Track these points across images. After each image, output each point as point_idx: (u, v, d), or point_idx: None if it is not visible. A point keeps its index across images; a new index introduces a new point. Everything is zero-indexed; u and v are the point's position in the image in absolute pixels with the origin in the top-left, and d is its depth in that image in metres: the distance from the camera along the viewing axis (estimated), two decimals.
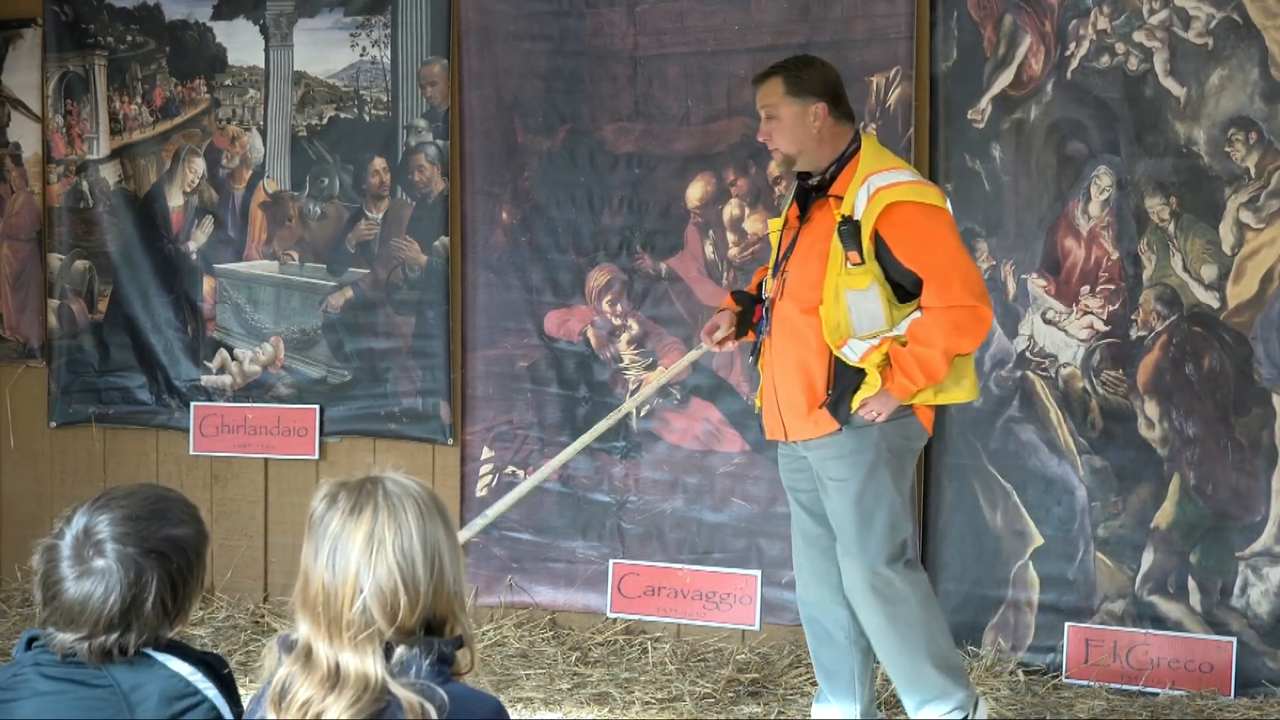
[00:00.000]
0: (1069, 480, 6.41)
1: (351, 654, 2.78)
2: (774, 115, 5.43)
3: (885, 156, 5.46)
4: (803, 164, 5.45)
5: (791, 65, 5.54)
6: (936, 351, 5.20)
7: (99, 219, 7.91)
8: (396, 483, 2.92)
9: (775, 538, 6.80)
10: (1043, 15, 6.38)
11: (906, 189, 5.26)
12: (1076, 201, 6.35)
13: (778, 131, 5.43)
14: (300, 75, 7.59)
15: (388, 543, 2.83)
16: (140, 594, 3.01)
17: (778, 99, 5.43)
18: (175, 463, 7.86)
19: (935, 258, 5.23)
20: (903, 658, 5.43)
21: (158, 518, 3.10)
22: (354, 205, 7.52)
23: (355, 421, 7.57)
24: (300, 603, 2.88)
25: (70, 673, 3.01)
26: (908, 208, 5.22)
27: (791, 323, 5.40)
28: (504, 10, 7.19)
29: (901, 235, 5.20)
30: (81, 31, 7.89)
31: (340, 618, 2.80)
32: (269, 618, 7.40)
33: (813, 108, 5.40)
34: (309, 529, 2.91)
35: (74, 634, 2.99)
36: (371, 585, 2.80)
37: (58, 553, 3.04)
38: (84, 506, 3.09)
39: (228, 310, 7.74)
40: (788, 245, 5.50)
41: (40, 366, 8.06)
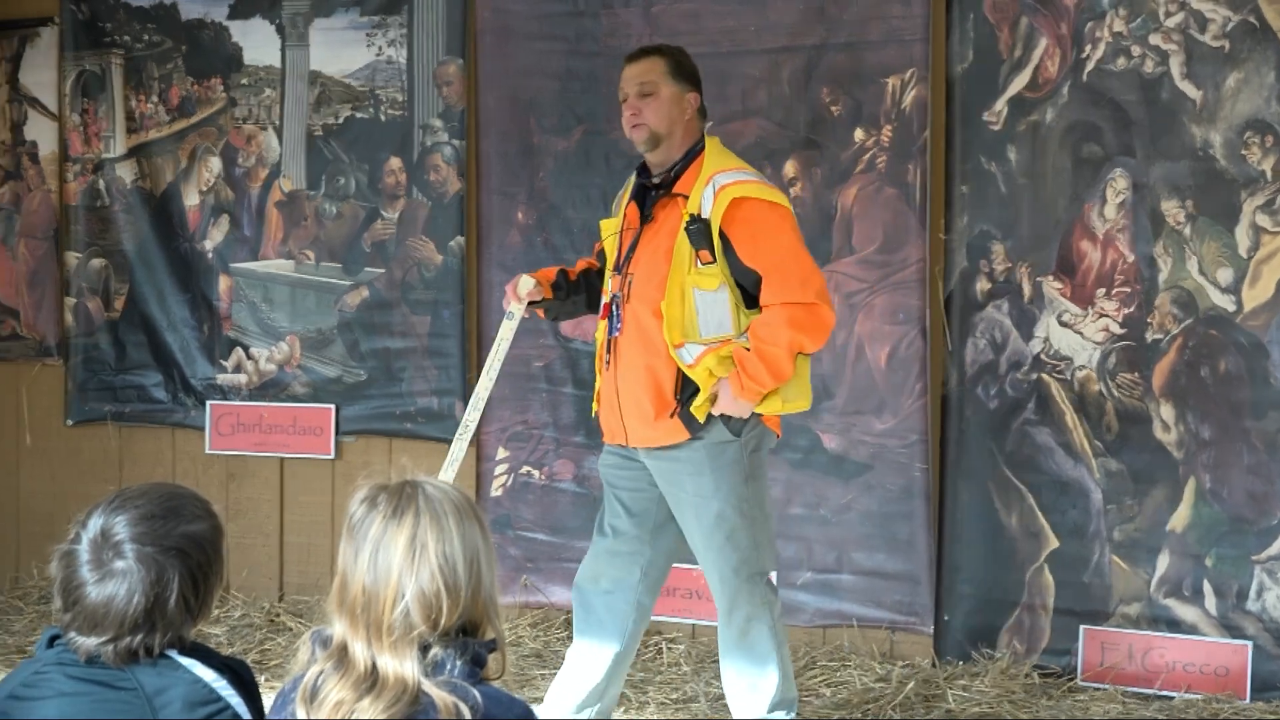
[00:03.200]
0: (1084, 483, 6.45)
1: (390, 656, 2.82)
2: (652, 92, 5.38)
3: (730, 158, 5.47)
4: (662, 150, 5.40)
5: (672, 50, 5.55)
6: (781, 350, 5.16)
7: (115, 217, 8.01)
8: (435, 486, 2.96)
9: (790, 539, 6.87)
10: (1059, 17, 6.42)
11: (751, 186, 5.27)
12: (1092, 204, 6.39)
13: (651, 108, 5.38)
14: (316, 74, 7.67)
15: (430, 547, 2.87)
16: (163, 593, 3.03)
17: (659, 76, 5.41)
18: (191, 461, 7.95)
19: (774, 254, 5.21)
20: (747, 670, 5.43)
21: (173, 515, 3.11)
22: (370, 205, 7.60)
23: (371, 421, 7.66)
24: (337, 604, 2.91)
25: (94, 674, 3.03)
26: (751, 204, 5.22)
27: (641, 324, 5.35)
28: (520, 10, 7.26)
29: (743, 231, 5.19)
30: (98, 30, 7.98)
31: (381, 621, 2.83)
32: (284, 616, 7.47)
33: (689, 95, 5.43)
34: (348, 531, 2.94)
35: (98, 637, 3.01)
36: (414, 590, 2.84)
37: (76, 558, 3.05)
38: (98, 510, 3.11)
39: (244, 309, 7.84)
40: (629, 245, 5.44)
41: (57, 364, 8.16)
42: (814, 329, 5.22)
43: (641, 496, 5.50)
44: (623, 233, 5.49)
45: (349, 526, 2.94)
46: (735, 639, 5.42)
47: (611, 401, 5.44)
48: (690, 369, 5.22)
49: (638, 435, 5.39)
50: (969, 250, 6.56)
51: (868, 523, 6.79)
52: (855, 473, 6.81)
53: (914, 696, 6.29)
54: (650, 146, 5.42)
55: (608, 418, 5.50)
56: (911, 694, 6.30)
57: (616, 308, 5.43)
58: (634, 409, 5.37)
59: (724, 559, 5.34)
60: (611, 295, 5.46)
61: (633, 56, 5.53)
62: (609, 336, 5.45)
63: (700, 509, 5.33)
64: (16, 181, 8.15)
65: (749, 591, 5.36)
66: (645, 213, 5.42)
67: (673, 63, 5.44)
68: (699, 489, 5.31)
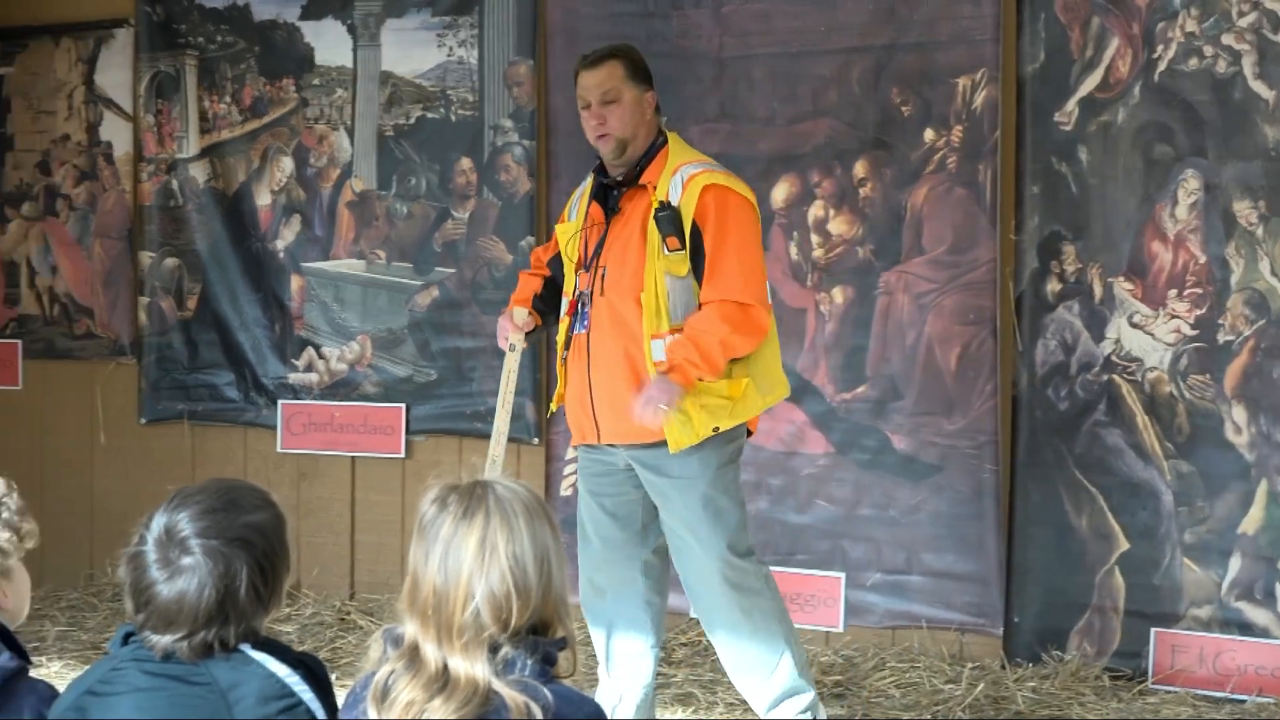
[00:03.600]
0: (1155, 485, 6.44)
1: (461, 658, 2.83)
2: (615, 99, 5.38)
3: (692, 152, 5.50)
4: (629, 151, 5.40)
5: (627, 51, 5.54)
6: (713, 340, 5.14)
7: (188, 217, 8.09)
8: (506, 487, 2.96)
9: (859, 540, 6.90)
10: (1130, 17, 6.41)
11: (723, 177, 5.29)
12: (1164, 204, 6.38)
13: (616, 116, 5.38)
14: (388, 75, 7.73)
15: (500, 548, 2.87)
16: (232, 584, 3.04)
17: (619, 82, 5.40)
18: (263, 460, 8.03)
19: (725, 249, 5.20)
20: (758, 651, 5.39)
21: (233, 507, 3.13)
22: (440, 205, 7.65)
23: (441, 420, 7.71)
24: (408, 604, 2.93)
25: (169, 669, 3.04)
26: (721, 191, 5.23)
27: (614, 315, 5.33)
28: (590, 11, 7.30)
29: (711, 217, 5.20)
30: (173, 32, 8.07)
31: (452, 622, 2.85)
32: (355, 615, 7.53)
33: (647, 95, 5.44)
34: (418, 532, 2.95)
35: (173, 635, 3.03)
36: (484, 590, 2.85)
37: (143, 559, 3.07)
38: (159, 511, 3.13)
39: (315, 309, 7.91)
40: (598, 241, 5.42)
41: (131, 364, 8.26)
42: (748, 329, 5.22)
43: (625, 499, 5.49)
44: (586, 230, 5.47)
45: (420, 527, 2.95)
46: (738, 623, 5.40)
47: (583, 398, 5.42)
48: (657, 366, 5.21)
49: (613, 430, 5.36)
50: (1040, 251, 6.56)
51: (937, 524, 6.80)
52: (925, 474, 6.81)
53: (983, 698, 6.30)
54: (618, 154, 5.41)
55: (576, 415, 5.49)
56: (981, 696, 6.31)
57: (583, 305, 5.41)
58: (610, 403, 5.33)
59: (717, 537, 5.32)
60: (578, 293, 5.45)
61: (590, 62, 5.49)
62: (572, 334, 5.45)
63: (686, 491, 5.31)
64: (92, 182, 8.25)
65: (746, 568, 5.37)
66: (611, 207, 5.42)
67: (630, 65, 5.44)
68: (685, 470, 5.29)
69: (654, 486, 5.39)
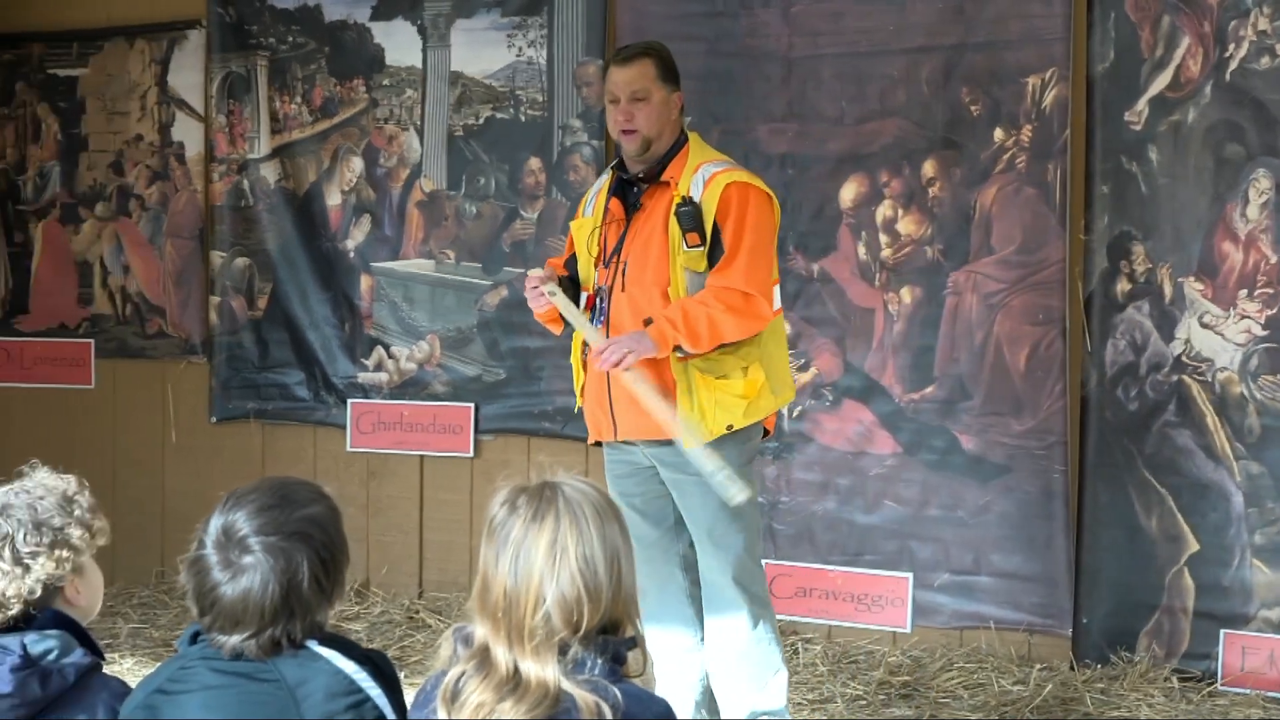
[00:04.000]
0: (1225, 486, 6.43)
1: (532, 660, 2.85)
2: (644, 97, 5.39)
3: (713, 152, 5.51)
4: (653, 149, 5.40)
5: (659, 50, 5.54)
6: (701, 312, 5.11)
7: (259, 217, 8.16)
8: (575, 488, 2.98)
9: (927, 540, 6.91)
10: (1202, 16, 6.39)
11: (741, 173, 5.32)
12: (1235, 204, 6.36)
13: (644, 114, 5.38)
14: (457, 75, 7.78)
15: (571, 550, 2.89)
16: (294, 578, 3.08)
17: (650, 81, 5.41)
18: (332, 459, 8.09)
19: (739, 239, 5.19)
20: (757, 662, 5.39)
21: (288, 503, 3.17)
22: (509, 205, 7.70)
23: (509, 420, 7.75)
24: (479, 607, 2.94)
25: (237, 667, 3.08)
26: (742, 187, 5.24)
27: (639, 311, 5.31)
28: (659, 11, 7.32)
29: (732, 213, 5.21)
30: (244, 33, 8.15)
31: (523, 625, 2.86)
32: (424, 614, 7.59)
33: (675, 95, 5.45)
34: (488, 534, 2.97)
35: (240, 634, 3.07)
36: (555, 593, 2.87)
37: (204, 563, 3.11)
38: (214, 515, 3.17)
39: (385, 308, 7.96)
40: (619, 237, 5.42)
41: (202, 363, 8.33)
42: (745, 314, 5.18)
43: (653, 497, 5.49)
44: (606, 226, 5.47)
45: (490, 529, 2.97)
46: (743, 629, 5.40)
47: (600, 395, 5.42)
48: (680, 361, 5.21)
49: (632, 427, 5.36)
50: (1109, 251, 6.56)
51: (1005, 524, 6.80)
52: (993, 474, 6.82)
53: (1052, 699, 6.31)
54: (641, 151, 5.42)
55: (593, 412, 5.49)
56: (1049, 697, 6.32)
57: (602, 300, 5.42)
58: (630, 399, 5.30)
59: (734, 538, 5.34)
60: (596, 288, 5.46)
61: (622, 59, 5.51)
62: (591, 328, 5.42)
63: (706, 490, 5.27)
64: (164, 182, 8.33)
65: (758, 575, 5.41)
66: (633, 203, 5.43)
67: (661, 65, 5.45)
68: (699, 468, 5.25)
69: (675, 484, 5.40)
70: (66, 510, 3.49)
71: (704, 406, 5.21)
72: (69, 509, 3.50)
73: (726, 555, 5.35)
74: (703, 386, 5.23)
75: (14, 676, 3.26)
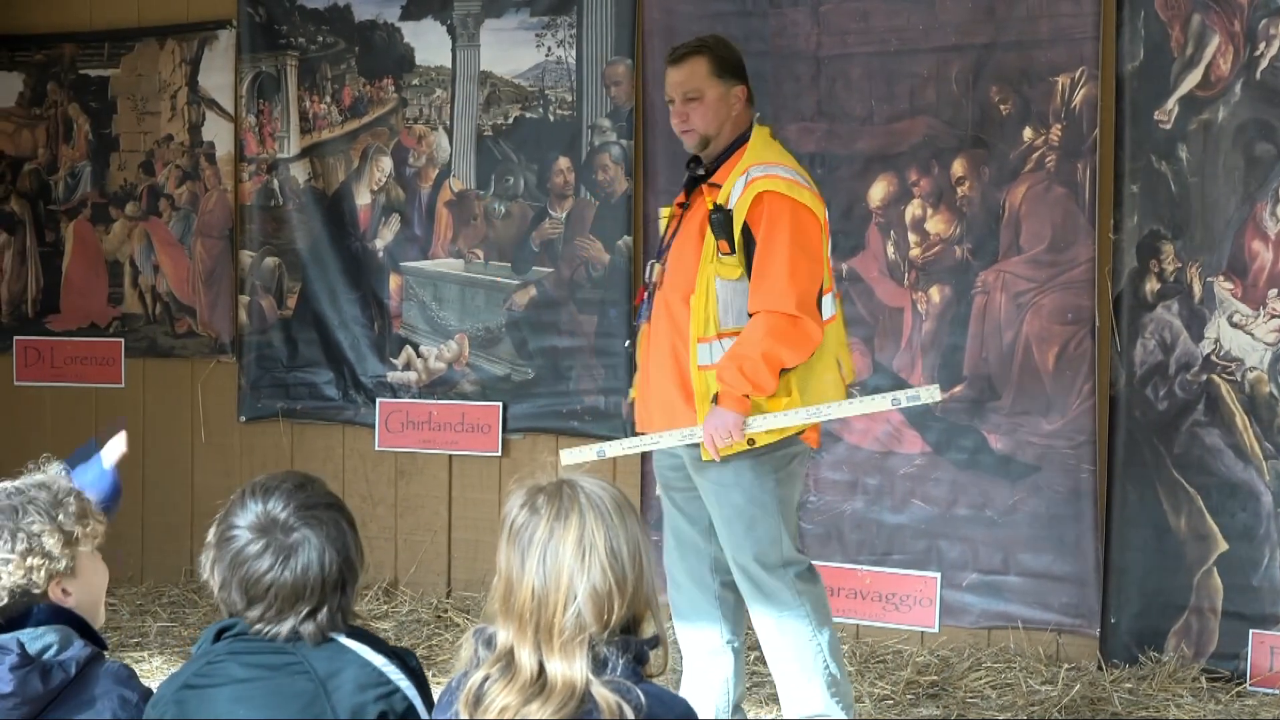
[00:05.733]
0: (1255, 486, 6.45)
1: (560, 660, 2.86)
2: (697, 96, 5.41)
3: (771, 150, 5.44)
4: (713, 147, 5.43)
5: (714, 44, 5.55)
6: (754, 355, 5.13)
7: (289, 217, 8.23)
8: (592, 484, 3.00)
9: (955, 540, 6.95)
10: (1232, 15, 6.42)
11: (782, 183, 5.23)
12: (1264, 203, 6.39)
13: (698, 113, 5.42)
14: (486, 75, 7.84)
15: (599, 544, 2.91)
16: (345, 544, 3.17)
17: (703, 79, 5.42)
18: (360, 458, 8.16)
19: (773, 257, 5.16)
20: (788, 665, 5.42)
21: (310, 482, 3.26)
22: (538, 204, 7.76)
23: (538, 419, 7.80)
24: (502, 610, 2.94)
25: (268, 660, 3.13)
26: (773, 198, 5.19)
27: (669, 312, 5.38)
28: (688, 10, 7.38)
29: (763, 223, 5.19)
30: (274, 32, 8.22)
31: (552, 624, 2.87)
32: (452, 612, 7.65)
33: (735, 90, 5.45)
34: (509, 538, 2.97)
35: (296, 616, 3.12)
36: (586, 587, 2.88)
37: (246, 553, 3.14)
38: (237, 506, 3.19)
39: (414, 308, 8.02)
40: (672, 233, 5.50)
41: (231, 362, 8.41)
42: (795, 341, 5.18)
43: (693, 495, 5.54)
44: (670, 220, 5.55)
45: (510, 533, 2.97)
46: (769, 630, 5.43)
47: (644, 389, 5.52)
48: (700, 370, 5.26)
49: (663, 425, 5.42)
50: (1138, 250, 6.59)
51: (1034, 524, 6.84)
52: (1022, 474, 6.86)
53: (1079, 699, 6.34)
54: (701, 148, 5.47)
55: (640, 407, 5.58)
56: (1077, 697, 6.35)
57: (649, 295, 5.49)
58: (660, 397, 5.42)
59: (744, 547, 5.37)
60: (647, 282, 5.54)
61: (675, 58, 5.54)
62: (638, 322, 5.55)
63: (720, 496, 5.36)
64: (194, 182, 8.41)
65: (776, 582, 5.37)
66: (686, 201, 5.49)
67: (715, 60, 5.45)
68: (720, 478, 5.34)
69: (699, 485, 5.46)
70: (50, 515, 3.47)
71: None
72: (54, 513, 3.47)
73: (735, 561, 5.42)
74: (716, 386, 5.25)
75: (14, 675, 3.27)
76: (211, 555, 3.19)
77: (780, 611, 5.39)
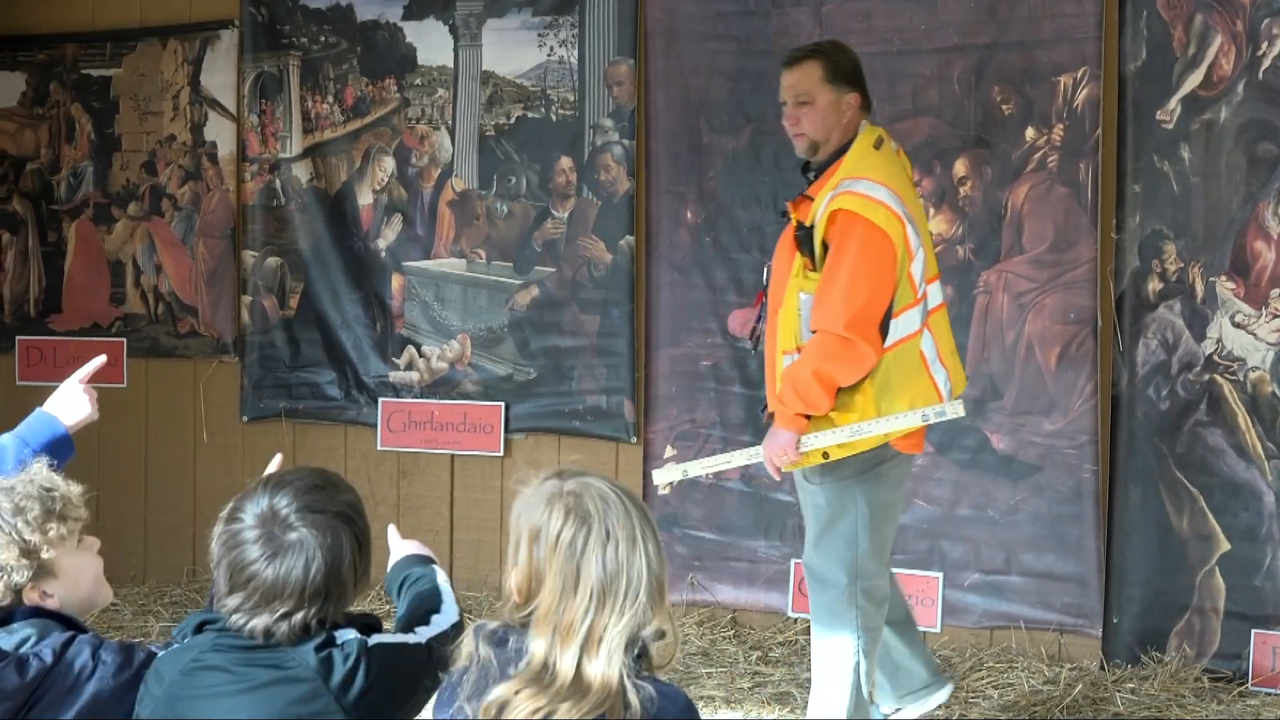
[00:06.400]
0: (1257, 485, 6.47)
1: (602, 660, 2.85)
2: (809, 101, 5.42)
3: (865, 163, 5.35)
4: (822, 153, 5.45)
5: (830, 49, 5.56)
6: (806, 375, 5.18)
7: (291, 217, 8.24)
8: (602, 481, 3.00)
9: (957, 540, 6.96)
10: (1234, 15, 6.43)
11: (858, 201, 5.17)
12: (1267, 203, 6.40)
13: (809, 118, 5.43)
14: (488, 75, 7.85)
15: (648, 541, 2.93)
16: (339, 556, 3.12)
17: (815, 84, 5.42)
18: (363, 458, 8.17)
19: (835, 277, 5.16)
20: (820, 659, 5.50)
21: (331, 485, 3.22)
22: (540, 204, 7.77)
23: (540, 419, 7.82)
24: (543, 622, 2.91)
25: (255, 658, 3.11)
26: (845, 216, 5.17)
27: (771, 320, 5.48)
28: (690, 10, 7.38)
29: (834, 241, 5.19)
30: (276, 32, 8.23)
31: (606, 626, 2.87)
32: None
33: (847, 97, 5.44)
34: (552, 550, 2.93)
35: (272, 614, 3.08)
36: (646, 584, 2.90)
37: (242, 538, 3.12)
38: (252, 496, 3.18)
39: (416, 308, 8.03)
40: None
41: (233, 362, 8.41)
42: (848, 362, 5.17)
43: None
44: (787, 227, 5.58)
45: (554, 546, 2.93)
46: (817, 639, 5.50)
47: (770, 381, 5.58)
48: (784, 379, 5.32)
49: None
50: (1141, 250, 6.60)
51: (1037, 524, 6.85)
52: (1024, 474, 6.87)
53: (1082, 699, 6.36)
54: (811, 153, 5.50)
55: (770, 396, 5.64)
56: (1079, 697, 6.37)
57: (765, 301, 5.58)
58: (771, 398, 5.49)
59: (814, 551, 5.45)
60: (763, 286, 5.64)
61: (789, 61, 5.56)
62: (760, 323, 5.64)
63: (805, 497, 5.50)
64: (196, 182, 8.41)
65: (838, 595, 5.40)
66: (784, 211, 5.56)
67: (829, 66, 5.45)
68: (808, 475, 5.46)
69: (799, 486, 5.60)
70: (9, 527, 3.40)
71: None
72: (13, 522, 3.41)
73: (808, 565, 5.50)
74: None
75: None
76: (217, 531, 3.19)
77: (834, 618, 5.41)
